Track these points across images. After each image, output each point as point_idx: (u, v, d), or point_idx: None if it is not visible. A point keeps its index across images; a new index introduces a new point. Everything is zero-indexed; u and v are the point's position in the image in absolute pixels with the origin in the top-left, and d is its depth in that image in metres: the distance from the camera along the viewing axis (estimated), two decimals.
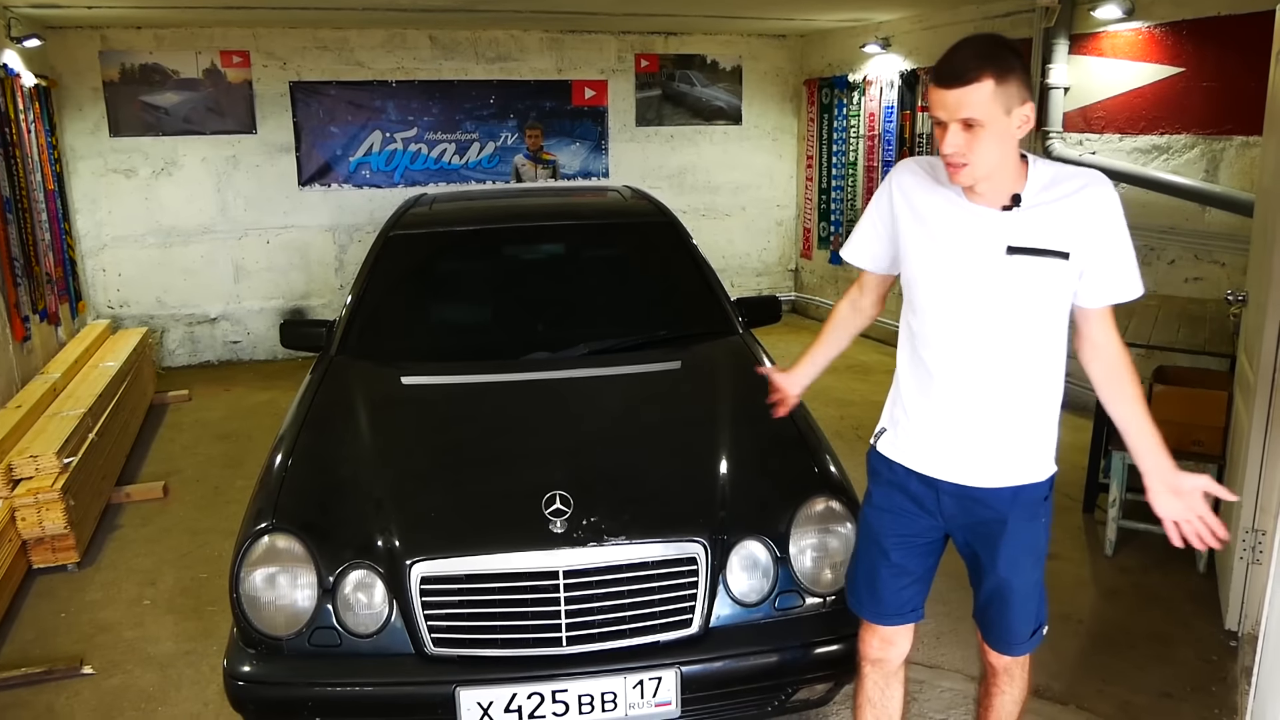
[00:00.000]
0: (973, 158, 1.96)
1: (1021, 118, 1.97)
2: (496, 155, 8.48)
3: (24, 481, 4.20)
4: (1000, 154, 1.98)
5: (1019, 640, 2.33)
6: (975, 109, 1.92)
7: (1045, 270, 2.05)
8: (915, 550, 2.34)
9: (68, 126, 7.47)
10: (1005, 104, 1.93)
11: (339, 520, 2.64)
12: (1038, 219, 2.04)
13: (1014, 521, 2.19)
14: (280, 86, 7.91)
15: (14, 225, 5.56)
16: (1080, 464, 4.73)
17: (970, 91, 1.91)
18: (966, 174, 1.99)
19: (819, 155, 8.99)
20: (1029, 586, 2.27)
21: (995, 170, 2.00)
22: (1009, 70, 1.93)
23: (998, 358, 2.12)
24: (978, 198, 2.07)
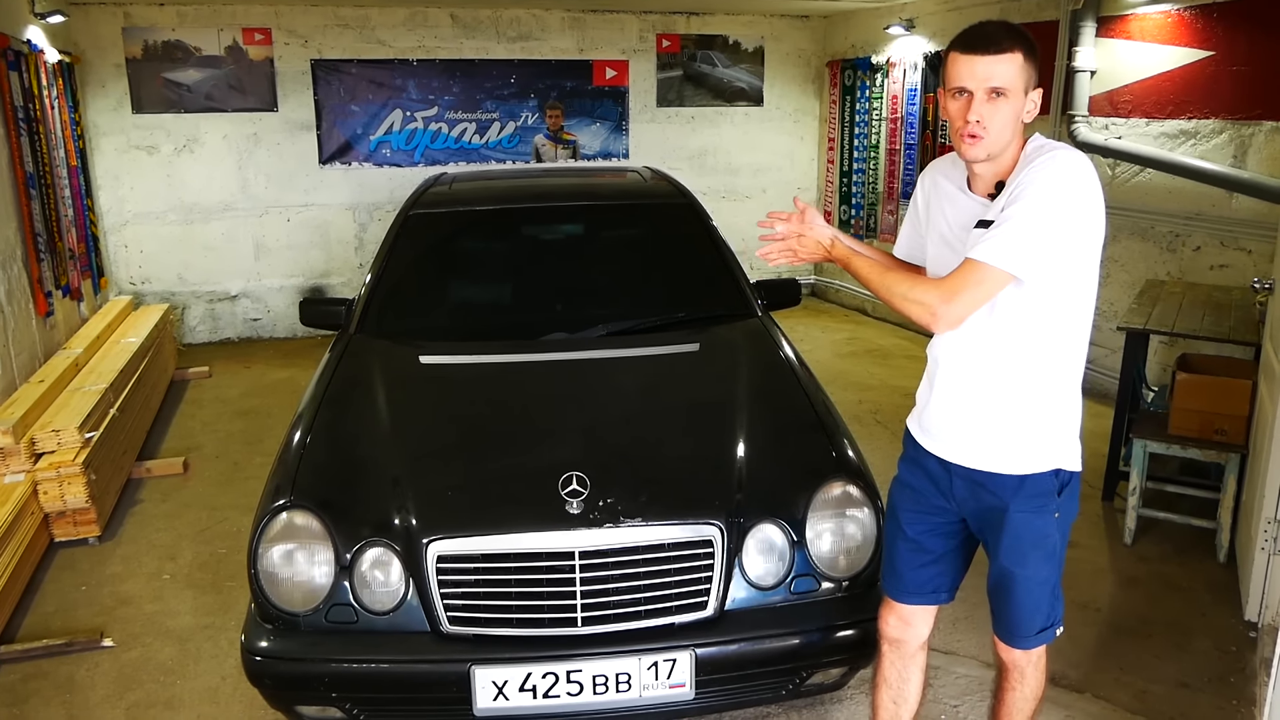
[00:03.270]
0: (992, 129, 1.98)
1: (1033, 102, 2.02)
2: (517, 135, 8.45)
3: (46, 455, 4.24)
4: (1013, 132, 2.01)
5: (1022, 634, 2.30)
6: (1005, 78, 1.96)
7: None
8: (932, 530, 2.34)
9: (91, 103, 7.49)
10: (1026, 82, 1.99)
11: (356, 498, 2.65)
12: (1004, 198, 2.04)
13: (1016, 512, 2.17)
14: (302, 64, 7.91)
15: (37, 201, 5.59)
16: (1100, 451, 4.69)
17: (1003, 60, 1.96)
18: (982, 146, 2.00)
19: (840, 138, 8.92)
20: (1034, 582, 2.23)
21: (1003, 149, 2.03)
22: (1032, 51, 2.00)
23: (986, 342, 2.12)
24: (977, 184, 2.12)
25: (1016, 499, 2.17)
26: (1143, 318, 4.31)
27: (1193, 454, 3.97)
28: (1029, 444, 2.16)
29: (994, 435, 2.17)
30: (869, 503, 2.71)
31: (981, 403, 2.17)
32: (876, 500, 2.72)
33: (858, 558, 2.68)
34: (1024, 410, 2.15)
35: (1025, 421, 2.15)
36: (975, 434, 2.19)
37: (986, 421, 2.17)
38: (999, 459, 2.17)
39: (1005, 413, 2.15)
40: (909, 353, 7.37)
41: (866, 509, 2.70)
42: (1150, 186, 5.67)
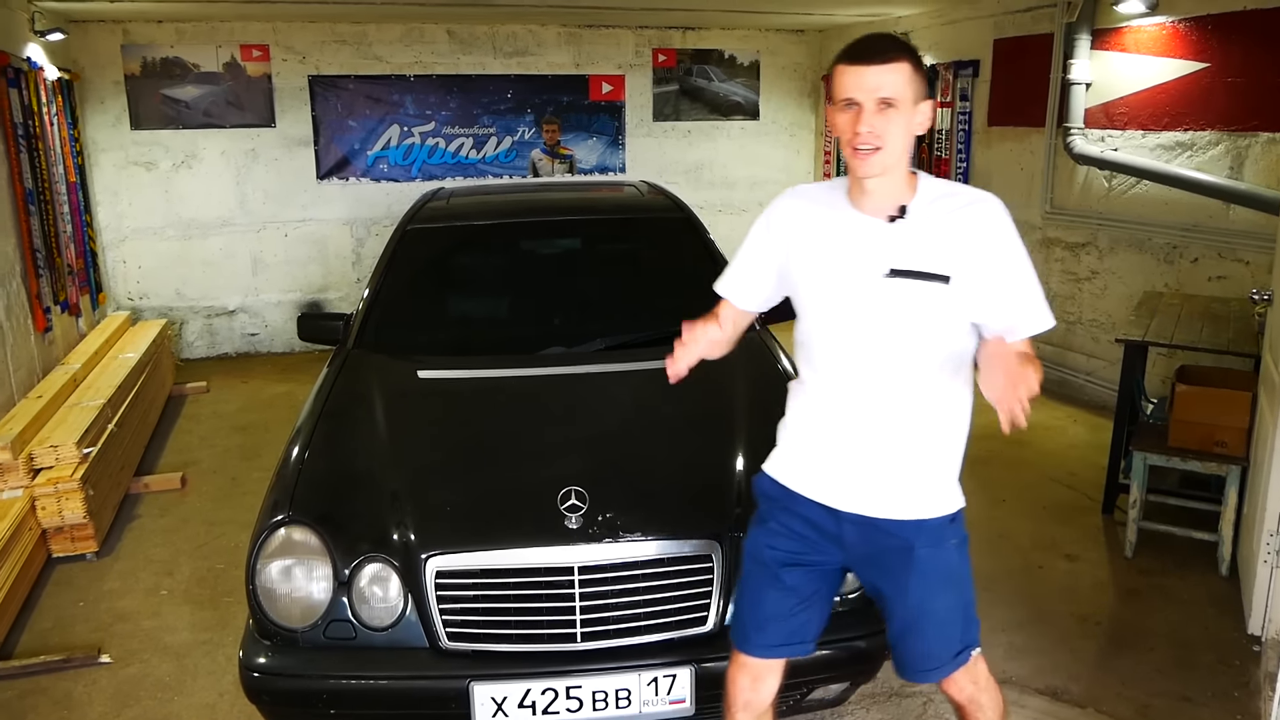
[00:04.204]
0: (886, 142, 1.91)
1: (923, 114, 1.96)
2: (514, 150, 8.47)
3: (44, 471, 4.23)
4: (904, 146, 1.95)
5: (934, 665, 2.20)
6: (894, 88, 1.90)
7: (926, 296, 1.96)
8: (810, 577, 2.21)
9: (90, 119, 7.51)
10: (915, 92, 1.93)
11: (355, 513, 2.64)
12: (922, 237, 1.97)
13: (921, 549, 2.10)
14: (299, 80, 7.93)
15: (36, 217, 5.59)
16: (1100, 464, 4.69)
17: (891, 70, 1.90)
18: (878, 160, 1.92)
19: (837, 151, 8.95)
20: (948, 611, 2.16)
21: (897, 165, 1.96)
22: (919, 61, 1.96)
23: (885, 387, 2.04)
24: (867, 204, 2.01)
25: (920, 537, 2.10)
26: (1141, 330, 4.31)
27: (1193, 466, 3.97)
28: (935, 492, 2.11)
29: (895, 482, 2.08)
30: None
31: (881, 451, 2.07)
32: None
33: None
34: (925, 458, 2.09)
35: (927, 469, 2.09)
36: (873, 481, 2.09)
37: (887, 469, 2.08)
38: (903, 507, 2.09)
39: (906, 461, 2.08)
40: None
41: None
42: (1147, 199, 5.69)
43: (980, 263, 1.95)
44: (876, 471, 2.08)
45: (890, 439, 2.06)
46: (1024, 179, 6.68)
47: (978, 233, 1.96)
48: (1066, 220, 6.34)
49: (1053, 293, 6.52)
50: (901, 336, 2.00)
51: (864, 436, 2.07)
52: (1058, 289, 6.48)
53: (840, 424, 2.10)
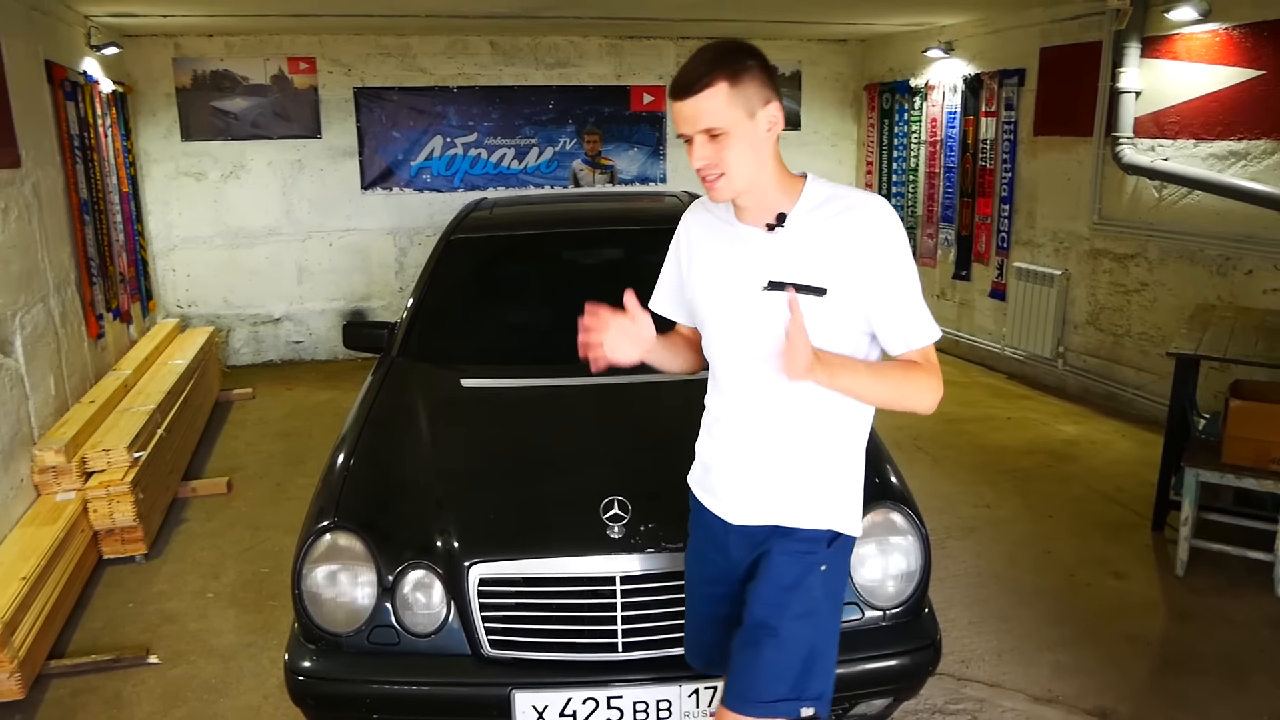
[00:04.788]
0: (727, 169, 1.83)
1: (768, 120, 1.84)
2: (555, 160, 8.52)
3: (96, 474, 4.31)
4: (755, 162, 1.84)
5: (754, 698, 1.96)
6: (713, 116, 1.79)
7: (803, 309, 1.84)
8: (719, 590, 2.13)
9: (142, 131, 7.67)
10: (745, 107, 1.80)
11: (399, 520, 2.66)
12: (800, 246, 1.88)
13: (778, 554, 2.00)
14: (345, 92, 8.04)
15: (91, 226, 5.71)
16: (1149, 480, 4.61)
17: (703, 99, 1.79)
18: (725, 187, 1.85)
19: (879, 161, 8.90)
20: (791, 640, 1.95)
21: (756, 182, 1.87)
22: (742, 70, 1.80)
23: (768, 400, 1.96)
24: (746, 215, 1.93)
25: (780, 543, 2.01)
26: (1193, 343, 4.23)
27: (1248, 484, 3.88)
28: (811, 503, 2.00)
29: (774, 495, 2.01)
30: (914, 530, 2.67)
31: (768, 467, 2.00)
32: (922, 528, 2.68)
33: (903, 586, 2.64)
34: (812, 473, 1.99)
35: (812, 484, 2.00)
36: (758, 492, 2.02)
37: (768, 482, 2.00)
38: (773, 514, 2.02)
39: (793, 474, 1.99)
40: (949, 378, 7.22)
41: (911, 536, 2.66)
42: (1198, 209, 5.59)
43: (857, 272, 1.85)
44: (757, 482, 2.02)
45: (772, 452, 1.99)
46: (1071, 189, 6.59)
47: (855, 240, 1.85)
48: (1115, 231, 6.25)
49: (1100, 304, 6.43)
50: (777, 349, 1.87)
51: (748, 448, 2.02)
52: (1105, 300, 6.39)
53: (728, 436, 2.05)
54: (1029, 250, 7.08)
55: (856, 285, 1.86)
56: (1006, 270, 7.32)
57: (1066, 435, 5.89)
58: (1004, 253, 7.34)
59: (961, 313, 7.97)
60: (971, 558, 4.25)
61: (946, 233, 8.04)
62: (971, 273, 7.78)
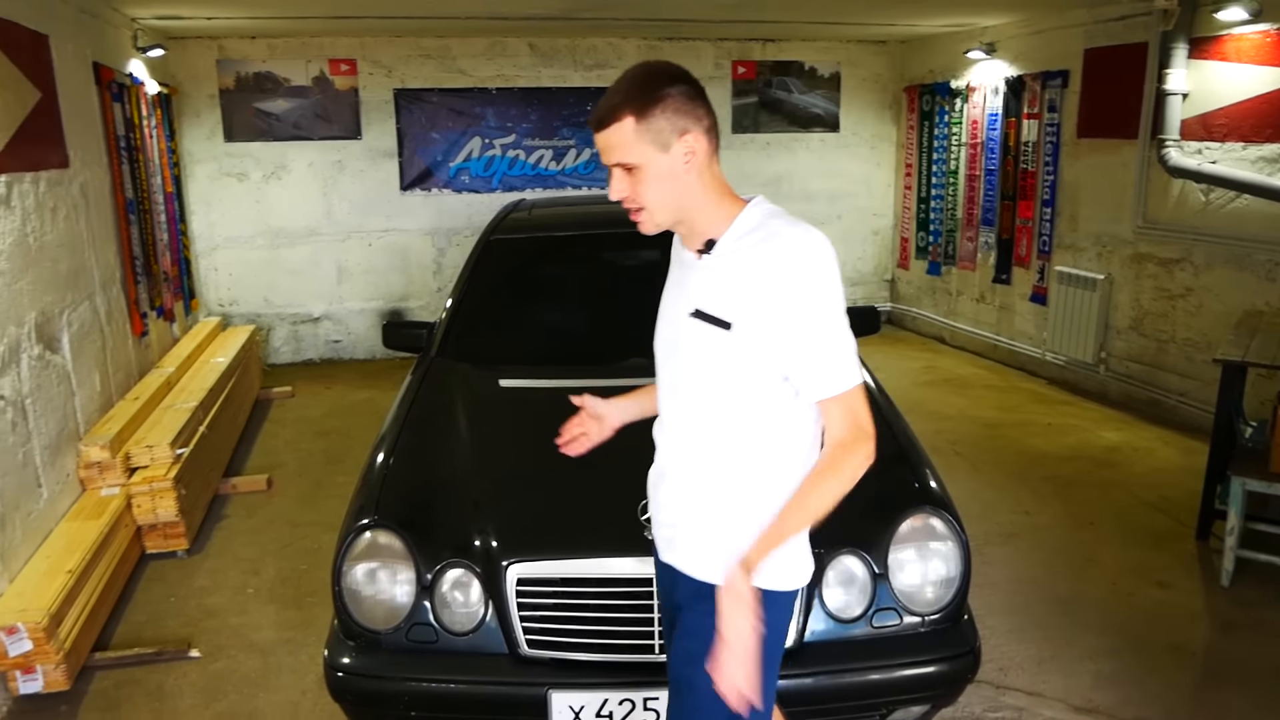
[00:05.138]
0: (644, 203, 1.77)
1: (684, 152, 1.74)
2: (593, 161, 8.53)
3: (140, 470, 4.38)
4: (675, 194, 1.76)
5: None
6: (621, 151, 1.74)
7: (710, 342, 1.79)
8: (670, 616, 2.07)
9: (186, 132, 7.78)
10: (656, 141, 1.72)
11: (438, 519, 2.68)
12: (720, 277, 1.78)
13: (690, 610, 1.91)
14: (385, 94, 8.11)
15: (136, 226, 5.81)
16: (1193, 488, 4.53)
17: (611, 134, 1.73)
18: (646, 220, 1.79)
19: (918, 163, 8.83)
20: (708, 701, 1.77)
21: (682, 212, 1.79)
22: (653, 103, 1.71)
23: (687, 434, 1.90)
24: (687, 240, 1.87)
25: (693, 597, 1.91)
26: (1241, 350, 4.15)
27: None
28: (722, 557, 1.82)
29: (693, 543, 1.92)
30: (954, 535, 2.65)
31: (684, 503, 1.93)
32: (962, 533, 2.66)
33: (942, 592, 2.62)
34: (724, 520, 1.87)
35: (724, 532, 1.86)
36: (676, 530, 1.95)
37: (687, 528, 1.93)
38: (687, 560, 1.93)
39: (704, 518, 1.90)
40: (988, 383, 7.22)
41: (951, 542, 2.64)
42: (1247, 213, 5.49)
43: (765, 308, 1.73)
44: (674, 517, 1.96)
45: (687, 488, 1.92)
46: (1114, 192, 6.50)
47: (766, 274, 1.72)
48: (1159, 235, 6.15)
49: (1144, 310, 6.34)
50: (694, 383, 1.85)
51: (672, 482, 1.96)
52: (1149, 306, 6.29)
53: (659, 467, 2.01)
54: (1071, 254, 6.99)
55: (764, 322, 1.74)
56: (1048, 274, 7.23)
57: (1108, 442, 5.81)
58: (1045, 256, 7.25)
59: (1001, 317, 7.88)
60: (1011, 565, 4.20)
61: (986, 236, 7.96)
62: (1012, 276, 7.69)
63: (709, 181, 1.79)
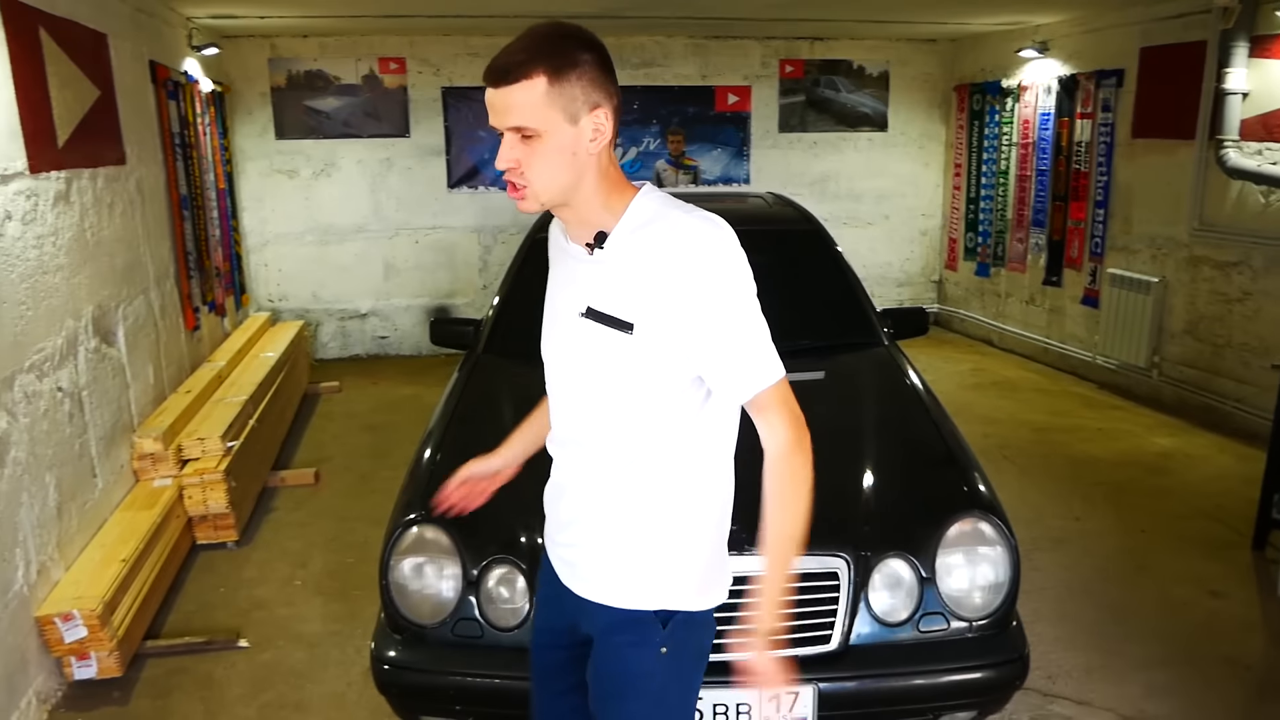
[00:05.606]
0: (532, 177, 1.54)
1: (594, 127, 1.54)
2: (638, 160, 8.54)
3: (192, 462, 4.46)
4: (572, 174, 1.55)
5: None
6: (524, 114, 1.51)
7: (610, 345, 1.61)
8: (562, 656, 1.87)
9: (238, 129, 7.91)
10: (567, 109, 1.52)
11: (484, 515, 2.66)
12: (617, 273, 1.60)
13: (603, 640, 1.75)
14: (433, 92, 8.18)
15: (189, 222, 5.91)
16: (1249, 496, 4.42)
17: (518, 92, 1.50)
18: (530, 199, 1.57)
19: (968, 163, 8.72)
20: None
21: (573, 196, 1.58)
22: (571, 66, 1.51)
23: (588, 445, 1.71)
24: (573, 232, 1.67)
25: (603, 626, 1.74)
26: None
27: None
28: (632, 579, 1.71)
29: (593, 563, 1.74)
30: (1003, 540, 2.61)
31: (588, 523, 1.74)
32: (1011, 538, 2.62)
33: (991, 597, 2.59)
34: (633, 540, 1.71)
35: (633, 553, 1.71)
36: (580, 554, 1.76)
37: (591, 544, 1.74)
38: (593, 586, 1.74)
39: (611, 539, 1.72)
40: (1037, 385, 7.11)
41: (1000, 547, 2.61)
42: None
43: (670, 307, 1.56)
44: (577, 540, 1.76)
45: (591, 505, 1.73)
46: (1170, 194, 6.37)
47: (669, 270, 1.55)
48: (1216, 238, 6.02)
49: (1199, 313, 6.21)
50: (592, 390, 1.67)
51: (570, 500, 1.77)
52: (1205, 310, 6.16)
53: (556, 483, 1.82)
54: (1124, 256, 6.87)
55: (671, 322, 1.57)
56: (1100, 276, 7.10)
57: (1161, 448, 5.70)
58: (1097, 258, 7.13)
59: (1051, 319, 7.76)
60: (1060, 571, 4.13)
61: (1037, 237, 7.84)
62: (1063, 279, 7.57)
63: (605, 167, 1.60)
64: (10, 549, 3.15)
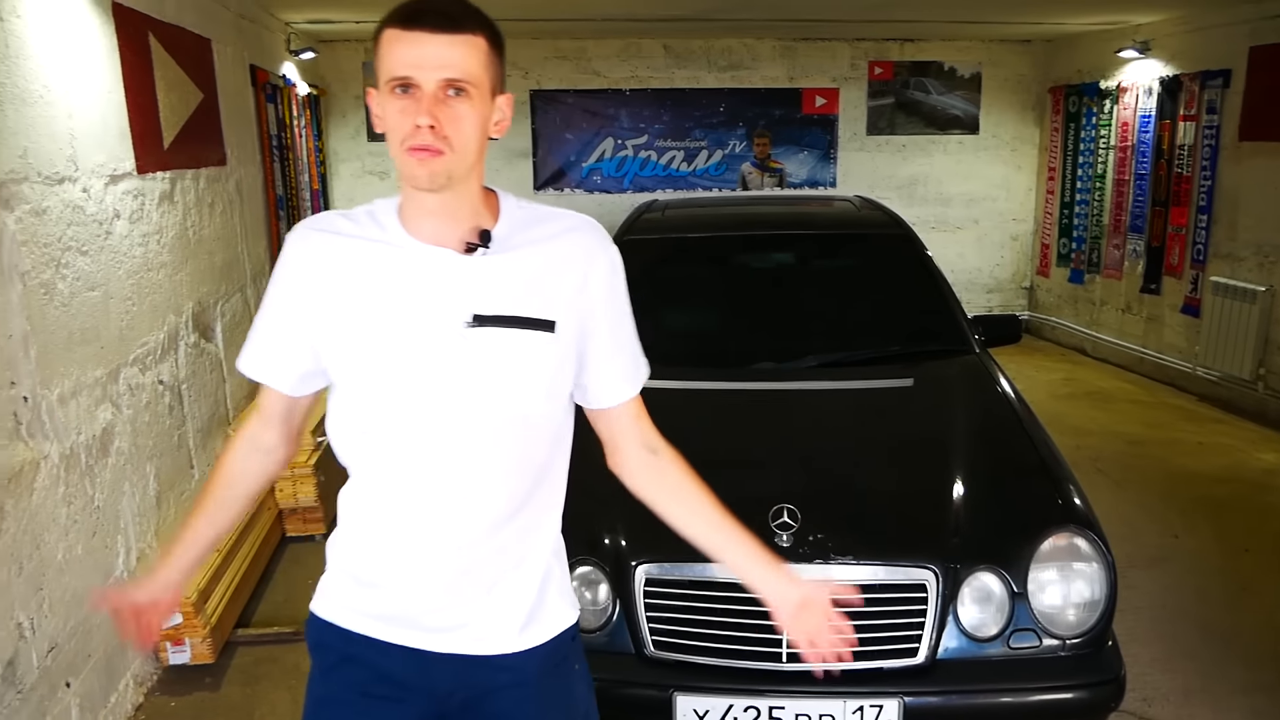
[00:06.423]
0: (457, 140, 1.38)
1: (502, 111, 1.46)
2: (724, 163, 8.52)
3: None
4: (478, 153, 1.43)
5: None
6: (468, 68, 1.37)
7: (527, 348, 1.47)
8: None
9: (332, 131, 8.11)
10: (493, 82, 1.43)
11: (568, 515, 2.67)
12: (514, 272, 1.47)
13: (543, 679, 1.59)
14: (521, 95, 8.27)
15: (285, 221, 6.08)
16: None
17: (463, 44, 1.37)
18: (442, 165, 1.38)
19: (1062, 167, 8.48)
20: None
21: (470, 175, 1.44)
22: (500, 41, 1.44)
23: (483, 472, 1.49)
24: (430, 229, 1.46)
25: (539, 665, 1.58)
26: None
27: None
28: (553, 602, 1.61)
29: (514, 601, 1.56)
30: (1100, 556, 2.53)
31: (493, 563, 1.54)
32: (1108, 554, 2.53)
33: (1085, 615, 2.50)
34: (545, 562, 1.60)
35: (549, 576, 1.61)
36: (485, 605, 1.54)
37: (504, 586, 1.55)
38: (519, 631, 1.56)
39: (527, 570, 1.57)
40: (1133, 397, 6.87)
41: (1096, 563, 2.52)
42: None
43: (583, 305, 1.51)
44: (478, 590, 1.53)
45: (495, 543, 1.52)
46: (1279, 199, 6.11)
47: (582, 268, 1.51)
48: None
49: None
50: (499, 403, 1.47)
51: (458, 544, 1.51)
52: None
53: (421, 533, 1.51)
54: (1228, 264, 6.59)
55: (580, 320, 1.52)
56: (1202, 284, 6.83)
57: (1266, 464, 5.45)
58: (1199, 266, 6.86)
59: (1149, 328, 7.50)
60: (1157, 590, 3.98)
61: (1135, 243, 7.58)
62: (1161, 286, 7.31)
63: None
64: (112, 535, 3.27)
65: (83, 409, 3.07)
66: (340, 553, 1.62)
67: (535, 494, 1.56)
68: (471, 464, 1.48)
